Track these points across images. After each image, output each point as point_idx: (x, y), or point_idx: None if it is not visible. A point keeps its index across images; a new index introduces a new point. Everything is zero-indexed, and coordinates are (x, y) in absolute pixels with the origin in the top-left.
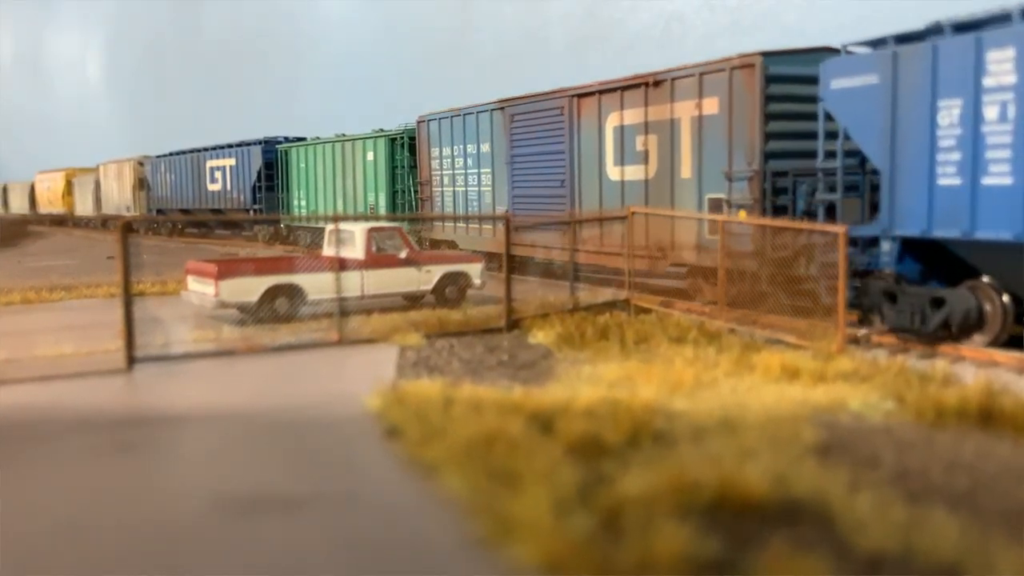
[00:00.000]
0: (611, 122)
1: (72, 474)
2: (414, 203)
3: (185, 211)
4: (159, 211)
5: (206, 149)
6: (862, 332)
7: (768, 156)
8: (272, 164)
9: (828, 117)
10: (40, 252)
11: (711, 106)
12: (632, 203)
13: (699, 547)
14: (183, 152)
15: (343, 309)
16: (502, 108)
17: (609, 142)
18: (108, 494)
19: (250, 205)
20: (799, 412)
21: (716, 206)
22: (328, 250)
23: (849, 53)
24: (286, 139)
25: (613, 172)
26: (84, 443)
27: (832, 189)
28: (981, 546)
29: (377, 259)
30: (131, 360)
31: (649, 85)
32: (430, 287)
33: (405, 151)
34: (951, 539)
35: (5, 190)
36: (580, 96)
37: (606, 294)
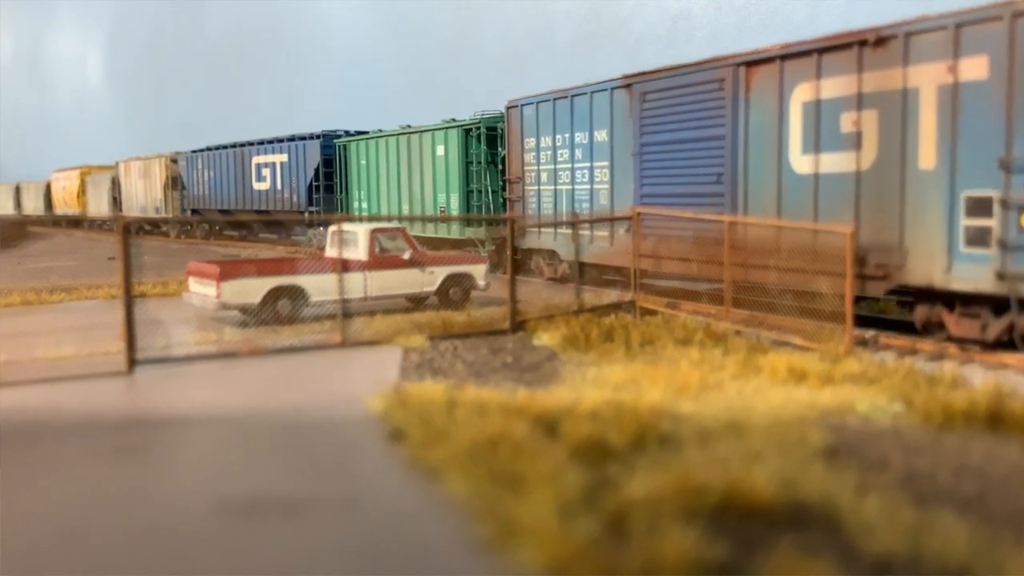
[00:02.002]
0: (799, 96)
1: (73, 477)
2: (494, 205)
3: (225, 212)
4: (194, 212)
5: (251, 144)
6: (870, 334)
7: None
8: (331, 161)
9: None
10: (40, 253)
11: (975, 69)
12: (833, 204)
13: (705, 551)
14: (224, 147)
15: (346, 311)
16: (628, 85)
17: (795, 123)
18: (109, 497)
19: (306, 207)
20: (806, 415)
21: (980, 207)
22: (331, 251)
23: None
24: (347, 132)
25: (800, 163)
26: (85, 446)
27: None
28: (990, 550)
29: (380, 260)
30: (132, 362)
31: (867, 44)
32: (434, 288)
33: (482, 144)
34: (960, 543)
35: (18, 190)
36: (750, 64)
37: (611, 296)
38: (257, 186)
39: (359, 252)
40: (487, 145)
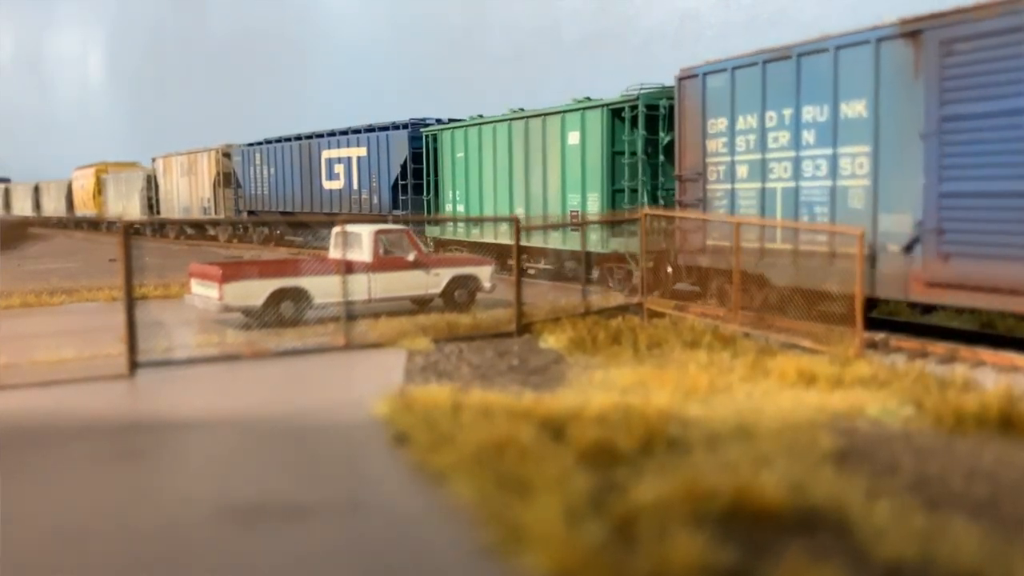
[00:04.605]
0: None
1: (75, 481)
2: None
3: (287, 214)
4: (250, 214)
5: (320, 135)
6: (880, 336)
7: None
8: (421, 156)
9: None
10: (41, 254)
11: None
12: None
13: (714, 556)
14: (287, 139)
15: (350, 313)
16: (913, 33)
17: None
18: (111, 501)
19: (389, 210)
20: (816, 418)
21: None
22: (334, 252)
23: None
24: (438, 121)
25: None
26: (87, 449)
27: None
28: (1002, 554)
29: (384, 262)
30: (133, 365)
31: None
32: (439, 290)
33: (639, 130)
34: (971, 547)
35: (37, 190)
36: None
37: (618, 298)
38: (328, 185)
39: (363, 253)
40: (647, 130)
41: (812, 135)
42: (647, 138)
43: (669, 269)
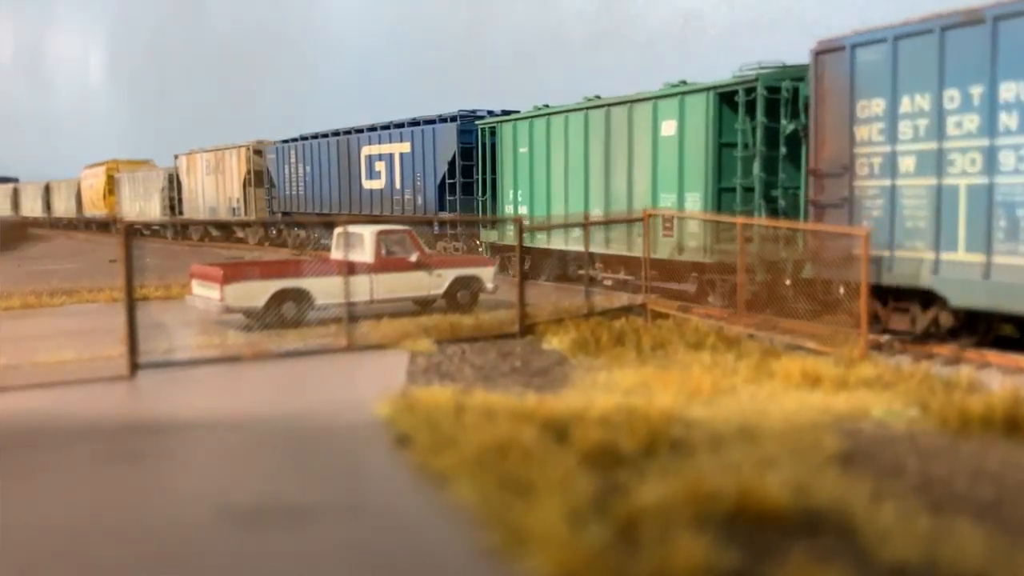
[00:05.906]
0: None
1: (76, 482)
2: (772, 212)
3: (324, 216)
4: (285, 215)
5: (360, 130)
6: (885, 338)
7: None
8: (472, 152)
9: None
10: (42, 256)
11: None
12: None
13: (717, 558)
14: (324, 135)
15: (352, 314)
16: None
17: None
18: (113, 503)
19: (435, 212)
20: (820, 420)
21: None
22: (336, 253)
23: None
24: (490, 113)
25: None
26: (87, 451)
27: None
28: (1007, 557)
29: (387, 263)
30: (134, 366)
31: None
32: (441, 291)
33: (758, 115)
34: (976, 550)
35: (47, 190)
36: None
37: (622, 299)
38: (368, 184)
39: (365, 254)
40: (768, 116)
41: (1014, 118)
42: (767, 128)
43: (788, 282)
